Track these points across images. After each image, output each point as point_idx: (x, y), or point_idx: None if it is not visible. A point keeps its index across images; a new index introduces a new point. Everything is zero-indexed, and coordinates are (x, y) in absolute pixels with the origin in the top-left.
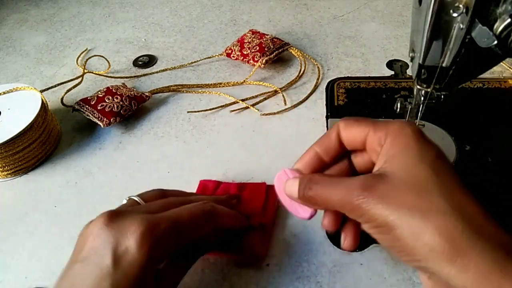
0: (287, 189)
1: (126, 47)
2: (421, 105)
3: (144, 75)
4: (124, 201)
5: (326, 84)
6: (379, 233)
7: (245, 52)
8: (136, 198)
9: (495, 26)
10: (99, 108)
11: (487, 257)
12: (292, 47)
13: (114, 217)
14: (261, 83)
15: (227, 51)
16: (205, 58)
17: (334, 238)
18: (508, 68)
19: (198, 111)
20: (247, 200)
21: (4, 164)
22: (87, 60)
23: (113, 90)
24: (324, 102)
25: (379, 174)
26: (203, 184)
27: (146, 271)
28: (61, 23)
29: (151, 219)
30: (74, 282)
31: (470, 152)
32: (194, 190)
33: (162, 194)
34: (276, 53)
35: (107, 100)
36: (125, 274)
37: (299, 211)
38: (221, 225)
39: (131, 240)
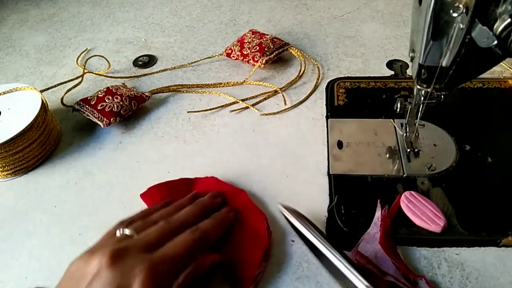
0: None
1: (126, 47)
2: (421, 105)
3: (144, 75)
4: (118, 234)
5: (326, 84)
6: None
7: (245, 52)
8: (128, 232)
9: (495, 26)
10: (99, 108)
11: None
12: (292, 47)
13: (116, 257)
14: (261, 83)
15: (227, 51)
16: (205, 58)
17: (334, 238)
18: (508, 68)
19: (198, 111)
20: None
21: (4, 164)
22: (87, 60)
23: (113, 90)
24: (324, 102)
25: None
26: (150, 195)
27: None
28: (61, 23)
29: (153, 260)
30: None
31: (470, 152)
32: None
33: (147, 213)
34: (276, 53)
35: (107, 100)
36: None
37: (430, 223)
38: (213, 242)
39: (135, 284)
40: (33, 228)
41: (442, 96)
